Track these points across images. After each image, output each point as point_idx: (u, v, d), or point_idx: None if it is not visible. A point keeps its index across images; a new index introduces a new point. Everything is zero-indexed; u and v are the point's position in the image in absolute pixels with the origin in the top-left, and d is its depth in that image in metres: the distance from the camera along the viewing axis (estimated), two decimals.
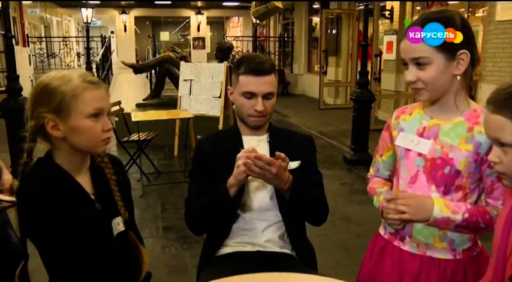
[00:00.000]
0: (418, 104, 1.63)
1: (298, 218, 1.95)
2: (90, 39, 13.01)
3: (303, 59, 15.11)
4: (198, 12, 21.16)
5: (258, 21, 12.44)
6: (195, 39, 21.74)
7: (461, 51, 1.45)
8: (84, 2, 14.01)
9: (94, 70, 12.23)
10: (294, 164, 1.85)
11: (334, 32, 12.59)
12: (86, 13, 12.29)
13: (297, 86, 15.14)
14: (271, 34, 18.02)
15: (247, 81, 1.86)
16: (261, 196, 1.89)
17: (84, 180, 1.52)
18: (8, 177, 1.86)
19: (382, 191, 1.70)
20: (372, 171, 1.84)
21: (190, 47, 22.39)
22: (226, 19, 24.54)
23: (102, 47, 14.58)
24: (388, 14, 9.50)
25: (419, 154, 1.56)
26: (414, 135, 1.59)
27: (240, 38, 17.50)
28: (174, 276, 3.36)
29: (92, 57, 12.74)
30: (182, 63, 7.20)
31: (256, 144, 1.90)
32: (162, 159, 6.73)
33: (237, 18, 23.02)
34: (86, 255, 1.45)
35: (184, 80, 6.84)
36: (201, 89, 6.70)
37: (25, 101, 2.04)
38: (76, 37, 21.19)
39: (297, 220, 1.95)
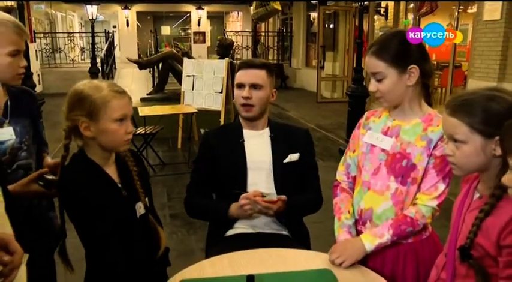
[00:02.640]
0: (385, 107, 1.88)
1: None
2: (95, 35, 13.26)
3: (301, 53, 15.32)
4: (199, 7, 21.29)
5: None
6: (195, 33, 21.87)
7: (411, 66, 1.71)
8: None
9: (98, 65, 12.46)
10: (294, 157, 2.13)
11: (331, 26, 12.86)
12: (91, 10, 12.58)
13: (296, 80, 15.36)
14: (270, 29, 18.16)
15: (239, 74, 2.16)
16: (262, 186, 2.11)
17: (112, 171, 1.75)
18: (51, 160, 2.03)
19: (346, 223, 1.88)
20: (341, 169, 2.01)
21: (191, 41, 22.52)
22: (226, 14, 24.58)
23: (105, 42, 14.80)
24: (383, 12, 9.77)
25: (383, 150, 1.82)
26: (379, 133, 1.85)
27: (240, 33, 17.70)
28: (182, 259, 3.48)
29: (95, 52, 12.98)
30: (185, 59, 7.48)
31: (256, 137, 2.18)
32: (167, 151, 7.02)
33: (236, 13, 23.09)
34: (115, 234, 1.68)
35: (187, 76, 7.13)
36: (204, 85, 6.97)
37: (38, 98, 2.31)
38: (81, 33, 21.31)
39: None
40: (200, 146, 2.29)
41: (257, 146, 2.16)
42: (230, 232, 2.13)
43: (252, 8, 10.17)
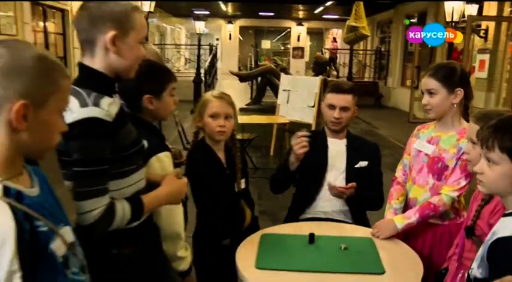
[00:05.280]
0: (433, 123, 2.41)
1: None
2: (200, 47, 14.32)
3: (397, 72, 15.36)
4: (299, 24, 22.10)
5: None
6: (294, 48, 22.68)
7: (458, 88, 2.22)
8: (196, 13, 15.38)
9: (202, 76, 13.45)
10: (363, 164, 2.62)
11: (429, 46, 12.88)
12: (199, 25, 13.72)
13: (390, 98, 15.40)
14: (368, 47, 18.39)
15: (330, 96, 2.63)
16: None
17: (221, 155, 2.41)
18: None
19: (394, 206, 2.45)
20: (399, 168, 2.56)
21: (289, 55, 23.34)
22: (326, 30, 25.06)
23: (209, 54, 15.87)
24: (483, 33, 9.74)
25: (426, 154, 2.34)
26: (425, 141, 2.37)
27: (337, 50, 18.10)
28: None
29: (200, 63, 14.02)
30: (282, 75, 8.12)
31: (336, 144, 2.67)
32: (260, 158, 7.56)
33: (335, 29, 23.58)
34: (219, 201, 2.35)
35: (283, 90, 7.72)
36: (298, 99, 7.51)
37: None
38: (188, 45, 22.69)
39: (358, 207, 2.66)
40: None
41: (336, 152, 2.65)
42: (305, 216, 2.63)
43: (344, 31, 10.68)
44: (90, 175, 1.56)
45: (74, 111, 1.51)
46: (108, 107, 1.59)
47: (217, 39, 23.32)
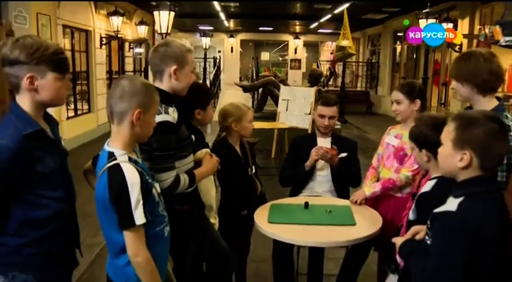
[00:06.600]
0: (400, 124, 3.13)
1: (341, 182, 3.44)
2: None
3: (386, 82, 16.27)
4: (296, 37, 23.23)
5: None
6: (292, 60, 23.75)
7: (417, 99, 2.97)
8: (201, 28, 16.41)
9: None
10: (343, 154, 3.34)
11: (415, 57, 13.99)
12: (205, 41, 14.93)
13: (381, 106, 16.23)
14: (360, 59, 19.43)
15: (321, 108, 3.44)
16: (323, 173, 3.45)
17: (238, 148, 3.20)
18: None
19: (368, 184, 3.15)
20: (375, 157, 3.28)
21: (287, 66, 24.31)
22: (321, 43, 25.99)
23: (213, 67, 16.97)
24: (458, 48, 10.87)
25: (393, 146, 3.09)
26: (393, 137, 3.13)
27: (331, 62, 19.15)
28: None
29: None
30: (282, 86, 9.10)
31: (323, 142, 3.46)
32: (262, 159, 8.15)
33: (330, 42, 24.29)
34: (235, 182, 3.14)
35: (283, 99, 8.52)
36: (295, 107, 8.26)
37: None
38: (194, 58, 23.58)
39: (341, 187, 3.44)
40: (291, 144, 3.79)
41: (325, 147, 3.42)
42: (302, 194, 3.47)
43: (334, 49, 11.98)
44: (164, 157, 2.25)
45: None
46: (173, 114, 2.27)
47: (219, 52, 24.16)
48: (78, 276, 3.78)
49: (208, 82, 14.69)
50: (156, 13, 8.75)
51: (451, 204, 1.72)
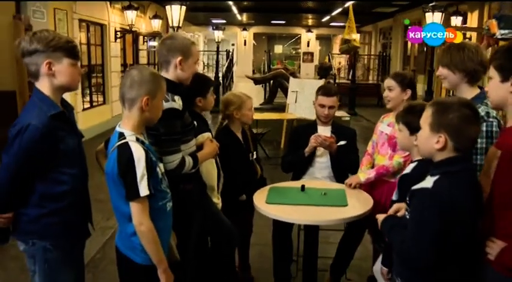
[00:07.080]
0: (392, 113, 3.22)
1: (340, 169, 3.56)
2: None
3: None
4: (308, 30, 23.30)
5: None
6: (304, 53, 23.89)
7: (407, 89, 3.13)
8: (214, 22, 16.54)
9: (220, 79, 14.63)
10: (342, 142, 3.44)
11: (425, 50, 13.98)
12: (218, 34, 15.10)
13: None
14: (372, 52, 19.56)
15: (321, 98, 3.55)
16: (322, 160, 3.57)
17: (239, 135, 3.37)
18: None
19: (364, 170, 3.30)
20: (369, 144, 3.40)
21: (300, 59, 24.44)
22: (333, 36, 26.05)
23: (226, 59, 17.13)
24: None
25: (386, 133, 3.21)
26: (386, 125, 3.26)
27: (343, 55, 19.22)
28: None
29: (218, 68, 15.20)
30: (291, 78, 9.27)
31: (324, 130, 3.59)
32: (271, 149, 8.56)
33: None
34: (237, 167, 3.29)
35: (292, 91, 8.58)
36: (304, 99, 8.30)
37: None
38: (206, 51, 23.46)
39: (340, 173, 3.54)
40: (292, 133, 4.00)
41: (324, 134, 3.53)
42: (304, 179, 3.60)
43: (339, 43, 12.14)
44: (171, 141, 2.40)
45: None
46: (178, 101, 2.43)
47: (232, 45, 24.26)
48: (92, 255, 4.05)
49: (220, 75, 14.83)
50: (168, 7, 9.06)
51: (428, 181, 1.89)
